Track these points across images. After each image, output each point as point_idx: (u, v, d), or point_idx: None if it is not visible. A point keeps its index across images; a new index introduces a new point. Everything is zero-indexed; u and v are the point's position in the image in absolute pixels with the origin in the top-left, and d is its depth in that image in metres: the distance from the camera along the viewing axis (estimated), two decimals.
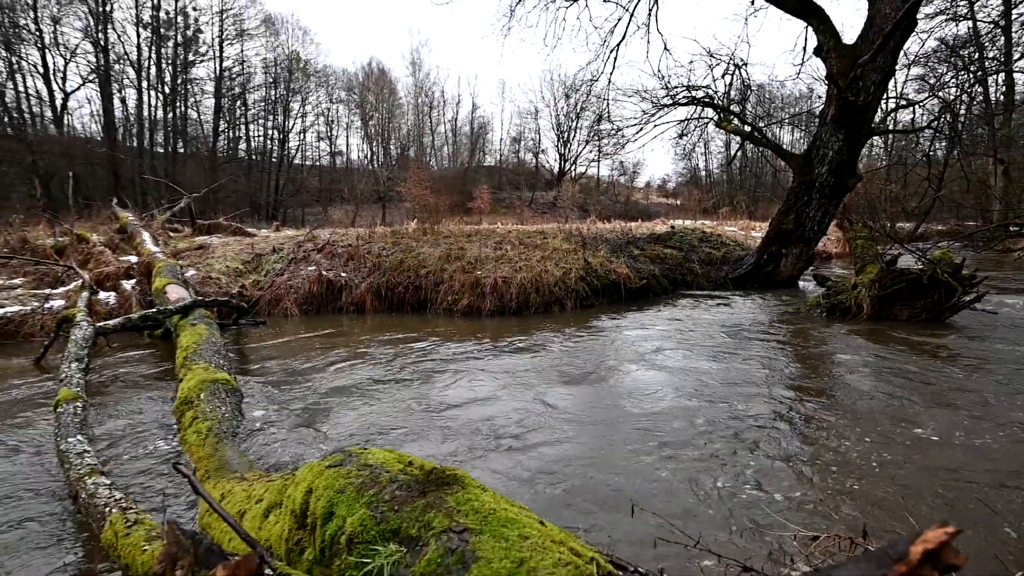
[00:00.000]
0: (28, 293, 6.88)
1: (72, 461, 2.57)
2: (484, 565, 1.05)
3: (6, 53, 23.27)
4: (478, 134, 37.73)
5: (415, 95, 35.33)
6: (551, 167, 37.59)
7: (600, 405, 3.81)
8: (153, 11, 25.33)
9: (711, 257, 10.24)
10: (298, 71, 30.73)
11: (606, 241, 9.86)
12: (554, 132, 36.89)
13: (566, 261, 8.33)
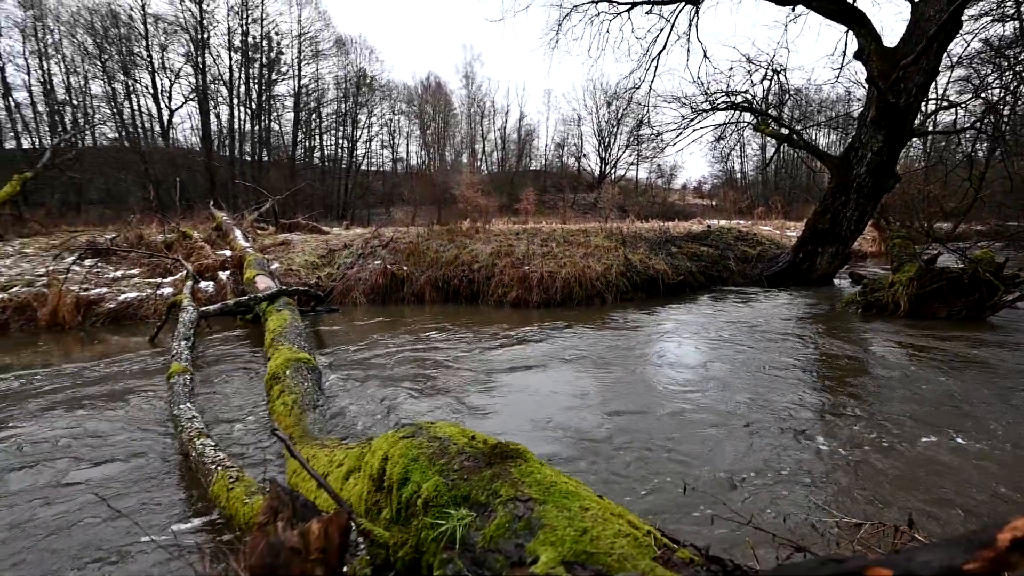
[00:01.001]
0: (143, 281, 7.39)
1: (184, 424, 2.75)
2: (550, 532, 1.05)
3: (124, 77, 24.99)
4: (525, 140, 37.63)
5: (468, 105, 35.59)
6: (592, 170, 37.09)
7: (639, 390, 3.75)
8: (242, 37, 26.55)
9: (747, 255, 9.84)
10: (365, 86, 31.52)
11: (645, 239, 9.65)
12: (596, 138, 36.37)
13: (607, 258, 8.21)
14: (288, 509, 1.29)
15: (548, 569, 0.94)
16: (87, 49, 24.34)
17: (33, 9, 23.44)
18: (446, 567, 1.11)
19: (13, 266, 7.45)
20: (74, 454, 2.80)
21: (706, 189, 40.14)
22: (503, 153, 37.89)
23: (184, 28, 25.03)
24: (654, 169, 37.99)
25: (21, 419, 3.35)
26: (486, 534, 1.13)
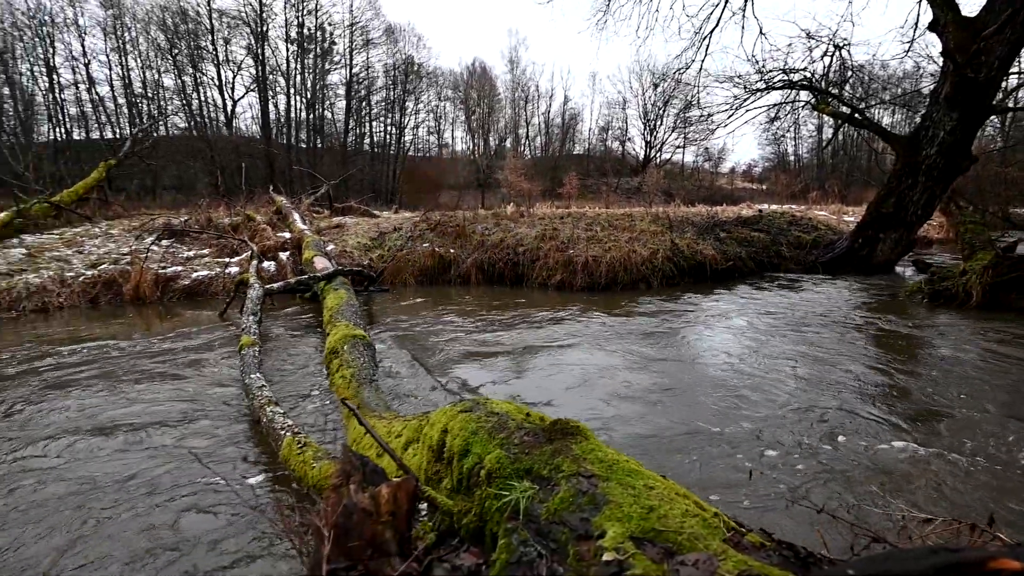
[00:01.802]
0: (213, 261, 7.82)
1: (254, 393, 2.91)
2: (615, 508, 1.03)
3: (192, 70, 26.25)
4: (568, 125, 36.96)
5: (512, 90, 35.20)
6: (636, 154, 36.05)
7: (687, 376, 3.65)
8: (298, 28, 27.23)
9: (801, 241, 9.34)
10: (412, 74, 31.75)
11: (692, 224, 9.33)
12: (641, 121, 35.21)
13: (653, 242, 7.99)
14: (359, 473, 1.34)
15: (616, 543, 0.93)
16: (160, 45, 25.67)
17: (113, 8, 24.85)
18: (511, 536, 1.12)
19: (101, 246, 8.05)
20: (158, 417, 3.02)
21: (756, 172, 38.27)
22: (546, 138, 37.39)
23: (245, 21, 25.93)
24: (701, 152, 36.51)
25: (113, 382, 3.64)
26: (550, 507, 1.13)
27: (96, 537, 1.89)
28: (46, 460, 2.51)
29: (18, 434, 2.81)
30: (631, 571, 0.83)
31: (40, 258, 7.35)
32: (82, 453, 2.57)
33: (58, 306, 6.49)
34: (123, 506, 2.09)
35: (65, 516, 2.02)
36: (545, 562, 1.01)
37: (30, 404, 3.26)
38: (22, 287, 6.52)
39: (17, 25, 23.30)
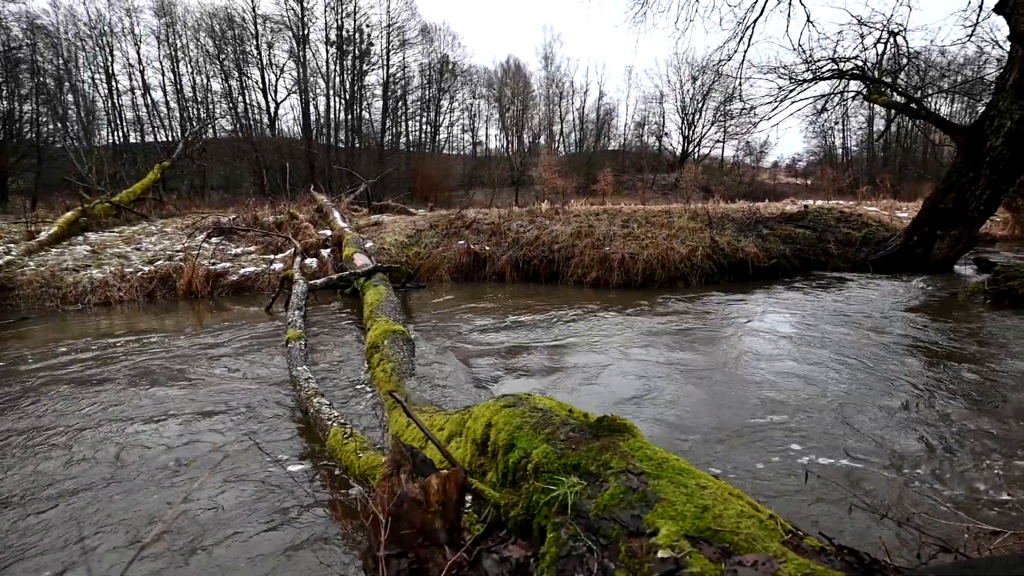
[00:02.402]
0: (259, 257, 8.15)
1: (301, 384, 3.02)
2: (668, 506, 1.02)
3: (238, 74, 27.36)
4: (603, 120, 36.51)
5: (546, 87, 35.05)
6: (673, 149, 35.25)
7: (730, 375, 3.55)
8: (337, 31, 27.96)
9: (849, 238, 8.92)
10: (447, 72, 32.08)
11: (733, 220, 9.06)
12: (679, 115, 34.40)
13: (692, 239, 7.81)
14: (409, 464, 1.37)
15: (671, 541, 0.92)
16: (208, 50, 26.87)
17: (165, 16, 26.17)
18: (559, 530, 1.12)
19: (157, 243, 8.51)
20: (212, 406, 3.18)
21: (800, 167, 36.79)
22: (580, 134, 37.07)
23: (287, 25, 26.81)
24: (742, 147, 35.37)
25: (169, 373, 3.85)
26: (599, 503, 1.13)
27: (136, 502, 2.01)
28: (113, 444, 2.68)
29: (90, 420, 3.02)
30: (688, 569, 0.82)
31: (102, 255, 7.83)
32: (145, 436, 2.73)
33: (119, 300, 6.91)
34: (187, 481, 2.21)
35: (136, 484, 2.16)
36: (596, 557, 1.02)
37: (101, 393, 3.49)
38: (87, 282, 6.97)
39: (80, 36, 24.86)
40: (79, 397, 3.38)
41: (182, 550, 1.81)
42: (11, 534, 1.93)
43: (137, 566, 1.70)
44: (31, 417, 3.07)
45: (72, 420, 2.99)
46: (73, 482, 2.29)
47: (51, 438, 2.76)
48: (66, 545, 1.86)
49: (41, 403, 3.29)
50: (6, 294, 6.57)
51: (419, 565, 1.18)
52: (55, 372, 3.93)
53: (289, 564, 1.75)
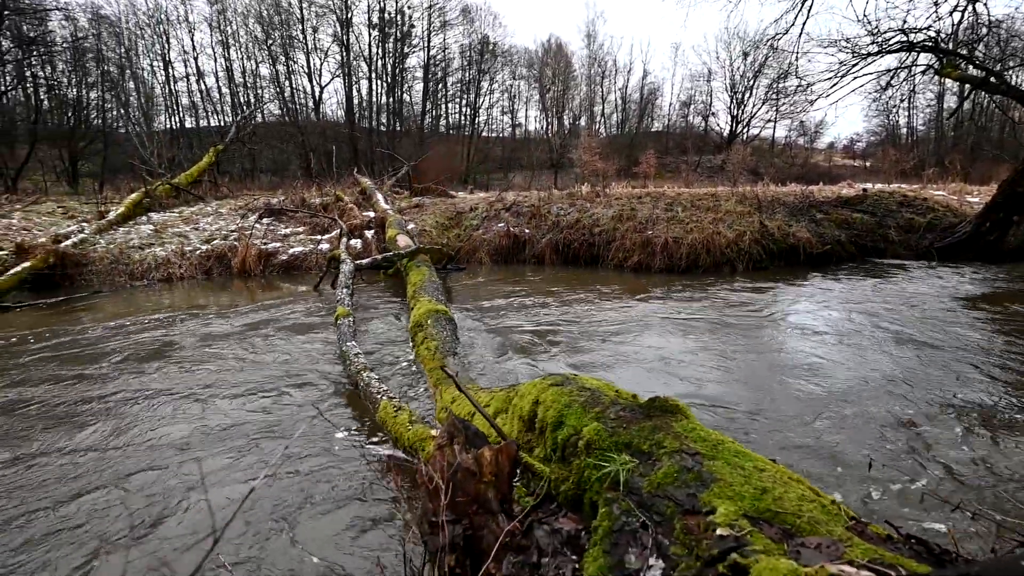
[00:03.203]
0: (307, 238, 8.44)
1: (351, 359, 3.14)
2: (725, 486, 1.02)
3: (284, 59, 28.06)
4: (647, 100, 35.34)
5: (588, 66, 34.16)
6: (721, 130, 33.79)
7: (773, 363, 3.45)
8: (380, 13, 28.16)
9: (912, 224, 8.38)
10: (488, 53, 31.81)
11: (784, 204, 8.66)
12: (727, 93, 32.87)
13: (739, 224, 7.54)
14: (462, 436, 1.42)
15: (730, 520, 0.92)
16: (256, 36, 27.64)
17: (217, 3, 27.04)
18: (611, 505, 1.14)
19: (213, 223, 8.95)
20: (268, 377, 3.36)
21: (859, 148, 34.59)
22: (623, 114, 36.09)
23: (332, 9, 27.18)
24: (795, 127, 33.54)
25: (228, 346, 4.09)
26: (652, 480, 1.14)
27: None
28: (178, 409, 2.89)
29: (162, 387, 3.26)
30: (750, 547, 0.82)
31: (164, 234, 8.31)
32: (209, 404, 2.93)
33: (179, 277, 7.34)
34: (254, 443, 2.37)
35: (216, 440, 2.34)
36: (650, 532, 1.03)
37: (168, 364, 3.75)
38: (151, 259, 7.43)
39: (139, 24, 26.06)
40: (151, 369, 3.64)
41: (263, 499, 1.94)
42: (167, 477, 2.13)
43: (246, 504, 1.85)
44: (122, 382, 3.33)
45: (151, 388, 3.23)
46: (176, 439, 2.49)
47: (143, 403, 3.00)
48: (190, 484, 2.03)
49: (128, 371, 3.57)
50: (81, 269, 7.09)
51: (473, 532, 1.22)
52: (132, 341, 4.24)
53: (349, 525, 1.85)
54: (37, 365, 3.72)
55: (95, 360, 3.78)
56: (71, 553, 1.72)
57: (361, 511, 1.93)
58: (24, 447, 2.48)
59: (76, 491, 2.08)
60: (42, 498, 2.04)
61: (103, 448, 2.45)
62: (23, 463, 2.33)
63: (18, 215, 8.88)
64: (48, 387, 3.26)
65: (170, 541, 1.76)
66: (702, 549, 0.90)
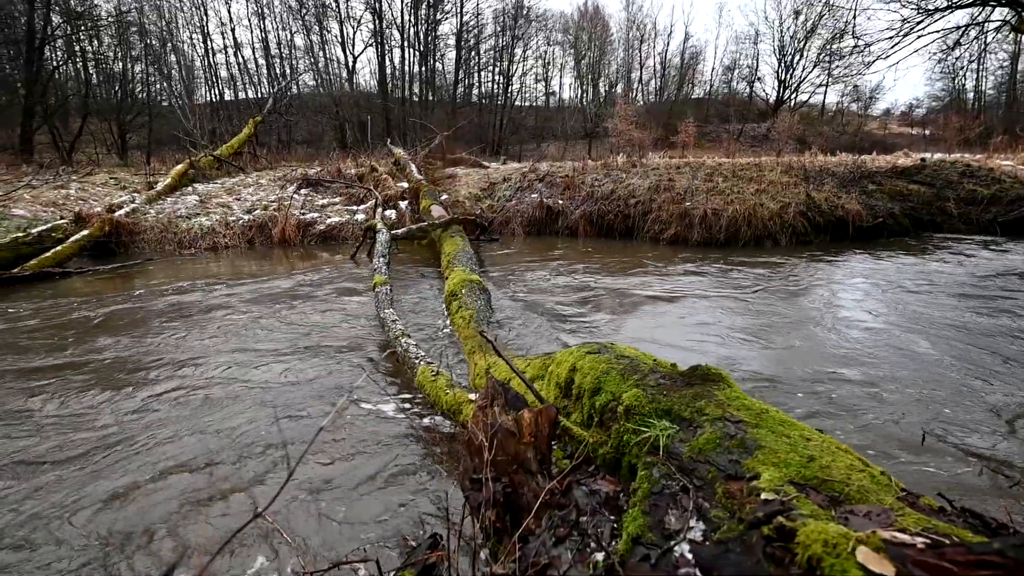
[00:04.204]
0: (343, 208, 8.60)
1: (389, 325, 3.22)
2: (769, 453, 1.01)
3: (318, 28, 28.03)
4: (688, 65, 33.67)
5: (626, 30, 32.72)
6: (767, 96, 32.01)
7: (818, 344, 3.34)
8: None
9: (974, 196, 7.83)
10: (522, 18, 30.86)
11: (833, 175, 8.22)
12: (775, 56, 30.91)
13: (784, 195, 7.22)
14: (502, 398, 1.45)
15: (774, 486, 0.91)
16: (291, 5, 27.64)
17: None
18: (651, 469, 1.15)
19: (254, 194, 9.21)
20: (313, 341, 3.50)
21: (917, 115, 32.20)
22: (662, 81, 34.60)
23: None
24: (848, 92, 31.41)
25: (273, 311, 4.26)
26: (693, 446, 1.14)
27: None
28: (231, 368, 3.05)
29: (218, 346, 3.44)
30: (797, 511, 0.82)
31: (209, 204, 8.62)
32: (259, 363, 3.08)
33: (224, 246, 7.64)
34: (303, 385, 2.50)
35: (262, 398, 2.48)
36: (691, 496, 1.04)
37: (224, 326, 3.95)
38: (198, 229, 7.74)
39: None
40: (204, 333, 3.84)
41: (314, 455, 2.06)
42: (247, 425, 2.30)
43: (300, 451, 1.97)
44: (182, 341, 3.55)
45: (208, 349, 3.43)
46: (245, 395, 2.65)
47: (201, 361, 3.19)
48: (263, 433, 2.18)
49: (185, 332, 3.78)
50: (134, 238, 7.46)
51: (513, 489, 1.26)
52: (188, 305, 4.48)
53: (390, 481, 1.94)
54: (110, 325, 3.98)
55: (156, 321, 4.02)
56: (177, 480, 1.88)
57: (402, 469, 2.02)
58: (114, 397, 2.68)
59: (166, 435, 2.25)
60: (137, 441, 2.22)
61: (187, 395, 2.63)
62: (119, 412, 2.52)
63: (75, 186, 9.37)
64: (123, 344, 3.49)
65: (254, 472, 1.91)
66: (745, 512, 0.90)
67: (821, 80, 29.99)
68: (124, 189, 9.52)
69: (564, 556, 1.07)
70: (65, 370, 3.06)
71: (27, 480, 1.98)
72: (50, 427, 2.39)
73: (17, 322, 4.11)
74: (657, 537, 0.99)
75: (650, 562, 0.93)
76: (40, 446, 2.22)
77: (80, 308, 4.49)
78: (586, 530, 1.14)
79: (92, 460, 2.10)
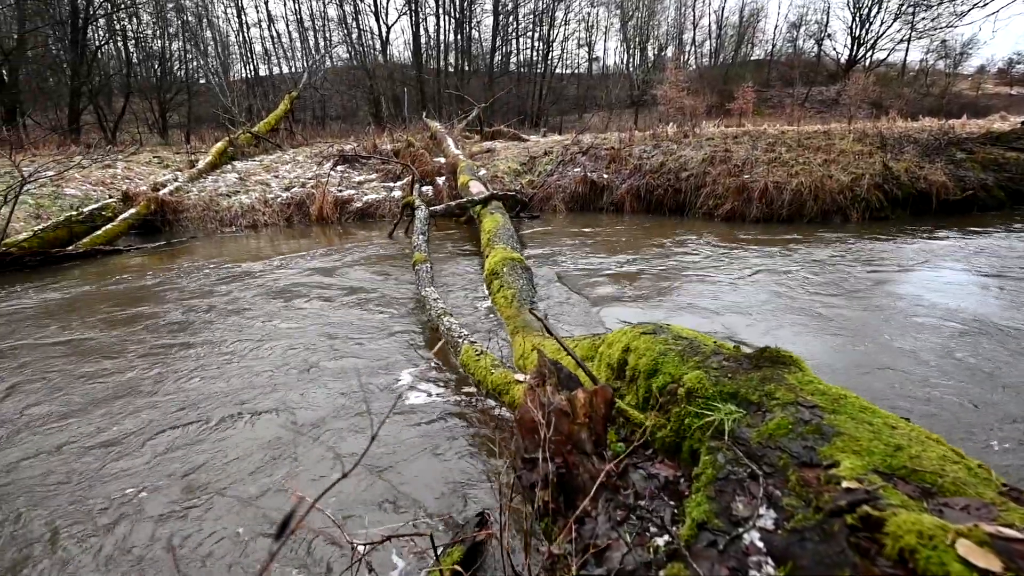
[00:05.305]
0: (379, 185, 8.75)
1: (430, 304, 3.29)
2: (850, 441, 0.98)
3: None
4: (747, 23, 31.91)
5: None
6: (837, 55, 30.04)
7: (893, 336, 3.17)
8: None
9: None
10: None
11: (914, 142, 7.68)
12: (849, 10, 28.84)
13: (856, 165, 6.81)
14: (554, 377, 1.46)
15: (857, 474, 0.89)
16: None
17: None
18: (715, 454, 1.14)
19: (291, 171, 9.49)
20: (353, 319, 3.61)
21: (1019, 72, 29.47)
22: (717, 42, 32.99)
23: None
24: (935, 48, 29.03)
25: (315, 289, 4.42)
26: (762, 432, 1.12)
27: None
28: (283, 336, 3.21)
29: (276, 311, 3.62)
30: (884, 500, 0.79)
31: (248, 181, 8.95)
32: (310, 341, 3.22)
33: (263, 224, 7.94)
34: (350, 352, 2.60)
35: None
36: (760, 483, 1.02)
37: (272, 304, 4.14)
38: (238, 207, 8.07)
39: None
40: (254, 309, 4.04)
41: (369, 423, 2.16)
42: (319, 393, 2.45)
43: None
44: (238, 317, 3.75)
45: (257, 323, 3.61)
46: (309, 362, 2.80)
47: (252, 339, 3.37)
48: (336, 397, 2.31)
49: (232, 308, 3.99)
50: (178, 216, 7.87)
51: (567, 470, 1.28)
52: (234, 281, 4.72)
53: (437, 459, 2.00)
54: (167, 296, 4.24)
55: (208, 294, 4.26)
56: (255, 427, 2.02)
57: (446, 447, 2.08)
58: (187, 358, 2.88)
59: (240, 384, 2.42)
60: (209, 401, 2.39)
61: (256, 361, 2.79)
62: (185, 373, 2.72)
63: (121, 165, 9.92)
64: (183, 314, 3.73)
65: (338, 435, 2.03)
66: (823, 501, 0.88)
67: (902, 35, 27.83)
68: (167, 168, 10.00)
69: (623, 539, 1.08)
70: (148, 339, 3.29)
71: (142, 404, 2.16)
72: (166, 398, 2.59)
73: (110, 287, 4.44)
74: (724, 523, 0.98)
75: (718, 548, 0.92)
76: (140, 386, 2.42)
77: (137, 279, 4.80)
78: (645, 514, 1.14)
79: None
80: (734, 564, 0.88)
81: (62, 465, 2.05)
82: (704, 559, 0.91)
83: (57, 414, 2.44)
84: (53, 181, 7.84)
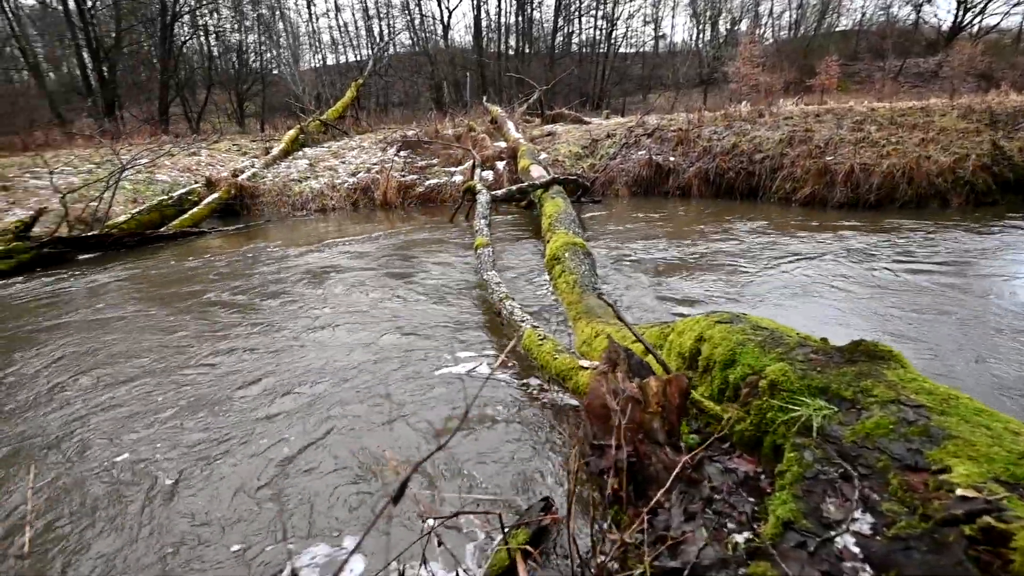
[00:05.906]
0: (441, 170, 8.89)
1: (492, 288, 3.32)
2: (964, 445, 0.89)
3: None
4: None
5: None
6: (939, 22, 27.19)
7: (1001, 340, 2.86)
8: None
9: None
10: None
11: None
12: None
13: (959, 145, 6.17)
14: (625, 364, 1.43)
15: (973, 482, 0.81)
16: None
17: None
18: (802, 451, 1.07)
19: (357, 157, 9.83)
20: (418, 305, 3.71)
21: None
22: (798, 13, 30.70)
23: None
24: None
25: (386, 270, 4.58)
26: (856, 430, 1.04)
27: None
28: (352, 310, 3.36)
29: (347, 287, 3.80)
30: (1011, 512, 0.72)
31: (317, 167, 9.36)
32: (376, 317, 3.35)
33: (332, 208, 8.29)
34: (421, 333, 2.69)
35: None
36: (855, 485, 0.95)
37: (348, 283, 4.35)
38: (308, 191, 8.47)
39: None
40: (335, 287, 4.25)
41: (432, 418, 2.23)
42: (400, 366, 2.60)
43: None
44: (321, 291, 3.98)
45: (340, 302, 3.80)
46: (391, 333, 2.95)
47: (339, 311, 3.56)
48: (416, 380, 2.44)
49: (309, 288, 4.23)
50: (255, 200, 8.37)
51: (638, 459, 1.26)
52: (307, 263, 4.99)
53: (501, 443, 2.03)
54: (259, 274, 4.55)
55: (289, 275, 4.53)
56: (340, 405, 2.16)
57: (509, 431, 2.10)
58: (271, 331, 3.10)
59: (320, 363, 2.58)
60: (287, 371, 2.57)
61: (336, 338, 2.97)
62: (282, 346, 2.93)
63: (204, 152, 10.66)
64: (268, 289, 4.00)
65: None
66: (932, 509, 0.81)
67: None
68: (244, 155, 10.65)
69: (699, 532, 1.05)
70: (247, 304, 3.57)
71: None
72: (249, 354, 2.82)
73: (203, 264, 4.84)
74: (813, 524, 0.93)
75: (807, 549, 0.88)
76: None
77: (223, 257, 5.17)
78: (723, 508, 1.10)
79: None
80: (826, 568, 0.83)
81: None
82: (793, 560, 0.87)
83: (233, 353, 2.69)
84: (147, 168, 8.55)
